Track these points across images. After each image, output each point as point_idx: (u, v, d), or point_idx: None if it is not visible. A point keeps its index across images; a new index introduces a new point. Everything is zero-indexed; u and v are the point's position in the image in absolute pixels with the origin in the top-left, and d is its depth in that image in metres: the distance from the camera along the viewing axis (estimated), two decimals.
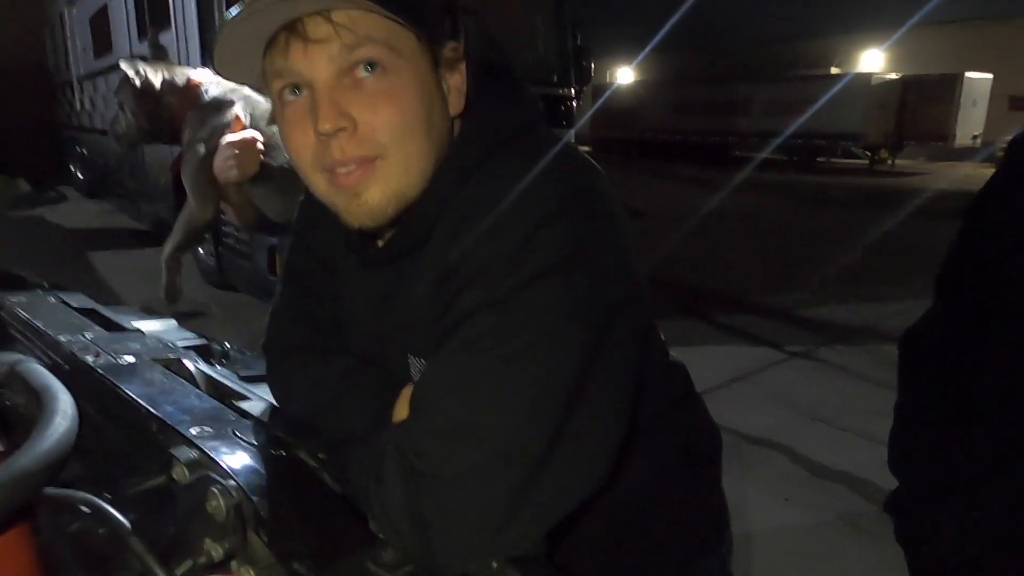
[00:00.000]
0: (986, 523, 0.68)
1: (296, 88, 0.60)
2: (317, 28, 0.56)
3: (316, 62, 0.57)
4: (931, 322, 0.83)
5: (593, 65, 5.87)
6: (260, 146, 1.47)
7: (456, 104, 0.64)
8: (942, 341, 0.79)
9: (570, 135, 5.52)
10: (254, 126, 1.50)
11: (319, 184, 0.63)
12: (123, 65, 1.69)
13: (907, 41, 20.03)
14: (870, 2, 19.28)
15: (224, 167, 1.47)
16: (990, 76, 17.51)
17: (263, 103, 1.54)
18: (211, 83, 1.63)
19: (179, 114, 1.63)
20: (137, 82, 1.65)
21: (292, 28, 0.57)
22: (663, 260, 6.55)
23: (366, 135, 0.59)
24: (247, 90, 1.56)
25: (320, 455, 0.72)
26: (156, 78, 1.65)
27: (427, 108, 0.61)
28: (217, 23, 4.46)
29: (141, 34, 6.29)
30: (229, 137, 1.47)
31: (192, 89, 1.63)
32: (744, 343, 4.59)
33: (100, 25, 7.85)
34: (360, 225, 0.64)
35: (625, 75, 26.99)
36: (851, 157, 20.11)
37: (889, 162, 19.07)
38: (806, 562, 2.32)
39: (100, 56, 8.18)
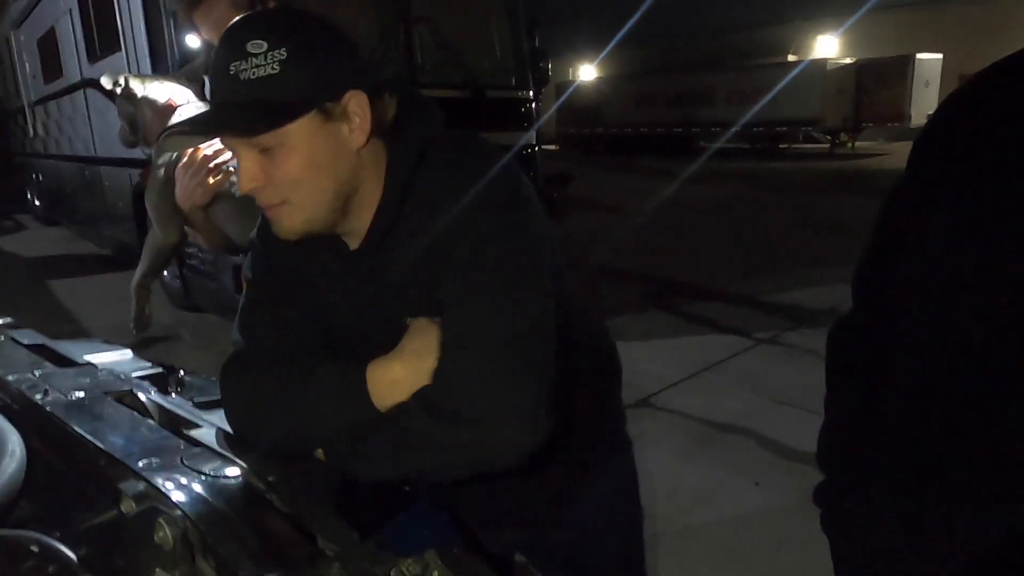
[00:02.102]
0: (894, 515, 0.71)
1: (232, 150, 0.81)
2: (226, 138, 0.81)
3: (236, 147, 0.80)
4: (851, 316, 0.87)
5: (551, 65, 5.91)
6: (219, 173, 1.47)
7: (357, 140, 0.81)
8: (860, 336, 0.83)
9: (531, 135, 5.57)
10: (222, 155, 1.49)
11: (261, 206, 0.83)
12: (104, 77, 1.69)
13: (861, 26, 20.47)
14: None
15: (182, 194, 1.47)
16: (940, 56, 17.96)
17: None
18: (187, 105, 1.61)
19: (153, 131, 1.62)
20: (117, 91, 1.64)
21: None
22: (631, 253, 6.63)
23: (272, 189, 0.80)
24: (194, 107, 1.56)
25: (270, 478, 0.74)
26: (138, 90, 1.64)
27: (317, 160, 0.79)
28: (167, 44, 4.41)
29: (91, 57, 6.19)
30: (182, 163, 1.47)
31: (166, 109, 1.61)
32: (712, 332, 4.67)
33: (49, 49, 7.70)
34: (286, 239, 0.84)
35: (587, 72, 27.17)
36: (813, 142, 20.47)
37: (849, 145, 19.46)
38: (778, 544, 2.38)
39: (50, 80, 8.02)
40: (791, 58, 22.09)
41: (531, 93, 5.48)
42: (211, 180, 1.45)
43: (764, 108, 17.46)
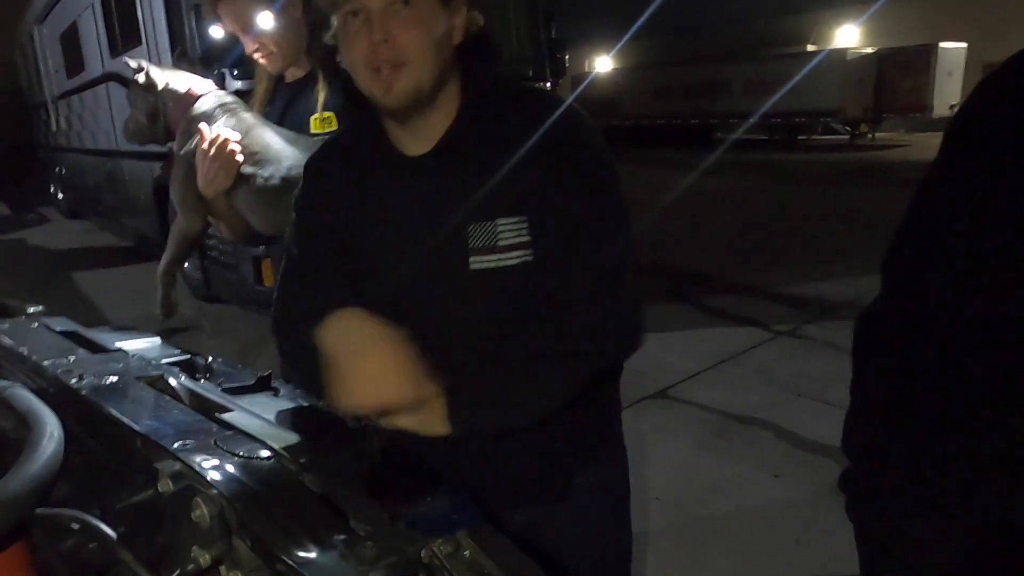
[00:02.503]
0: (927, 503, 0.71)
1: (356, 13, 0.88)
2: None
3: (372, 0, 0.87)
4: (880, 303, 0.87)
5: (568, 56, 5.88)
6: (238, 156, 1.48)
7: (457, 36, 0.92)
8: (890, 322, 0.83)
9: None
10: (242, 142, 1.51)
11: (364, 77, 0.90)
12: (128, 60, 1.71)
13: (882, 15, 20.12)
14: None
15: (204, 180, 1.49)
16: (964, 45, 17.62)
17: (249, 118, 1.56)
18: (207, 95, 1.63)
19: (175, 122, 1.64)
20: (140, 79, 1.66)
21: None
22: (649, 245, 6.60)
23: (393, 47, 0.87)
24: (238, 105, 1.58)
25: (302, 459, 0.75)
26: (160, 80, 1.65)
27: (438, 34, 0.89)
28: (188, 38, 4.45)
29: (113, 51, 6.26)
30: (201, 148, 1.48)
31: (187, 98, 1.62)
32: (730, 324, 4.64)
33: (71, 43, 7.79)
34: (389, 106, 0.91)
35: (604, 63, 26.99)
36: (832, 133, 20.20)
37: (869, 136, 19.19)
38: (798, 535, 2.37)
39: (73, 75, 8.12)
40: (810, 48, 21.77)
41: (548, 85, 5.47)
42: (232, 162, 1.47)
43: (783, 99, 17.20)
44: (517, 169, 0.90)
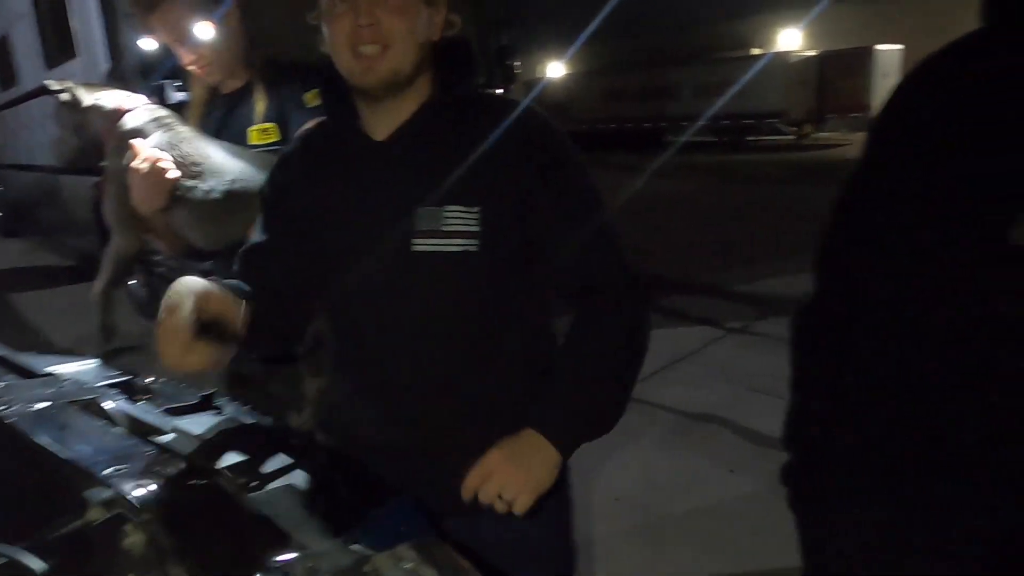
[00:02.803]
0: (865, 495, 0.73)
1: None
2: None
3: None
4: (815, 299, 0.89)
5: (519, 63, 5.91)
6: (172, 172, 1.44)
7: (435, 33, 0.97)
8: (824, 317, 0.85)
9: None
10: (178, 157, 1.47)
11: (345, 57, 0.94)
12: (50, 82, 1.64)
13: (822, 19, 20.80)
14: None
15: (139, 198, 1.44)
16: (900, 47, 18.34)
17: (187, 132, 1.52)
18: (138, 110, 1.58)
19: (105, 139, 1.59)
20: (63, 98, 1.60)
21: None
22: None
23: (378, 30, 0.91)
24: (173, 118, 1.54)
25: (241, 479, 0.73)
26: (86, 98, 1.60)
27: (418, 25, 0.94)
28: (123, 50, 4.32)
29: (48, 63, 6.04)
30: (132, 166, 1.44)
31: (115, 113, 1.57)
32: (685, 323, 4.72)
33: (4, 55, 7.49)
34: (366, 87, 0.95)
35: (556, 69, 27.22)
36: (778, 134, 20.75)
37: (813, 136, 19.80)
38: (753, 528, 2.42)
39: (6, 87, 7.81)
40: (755, 51, 22.37)
41: (499, 92, 5.48)
42: (165, 179, 1.42)
43: (730, 101, 17.64)
44: (477, 162, 0.94)
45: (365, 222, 0.99)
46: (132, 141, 1.45)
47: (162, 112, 1.54)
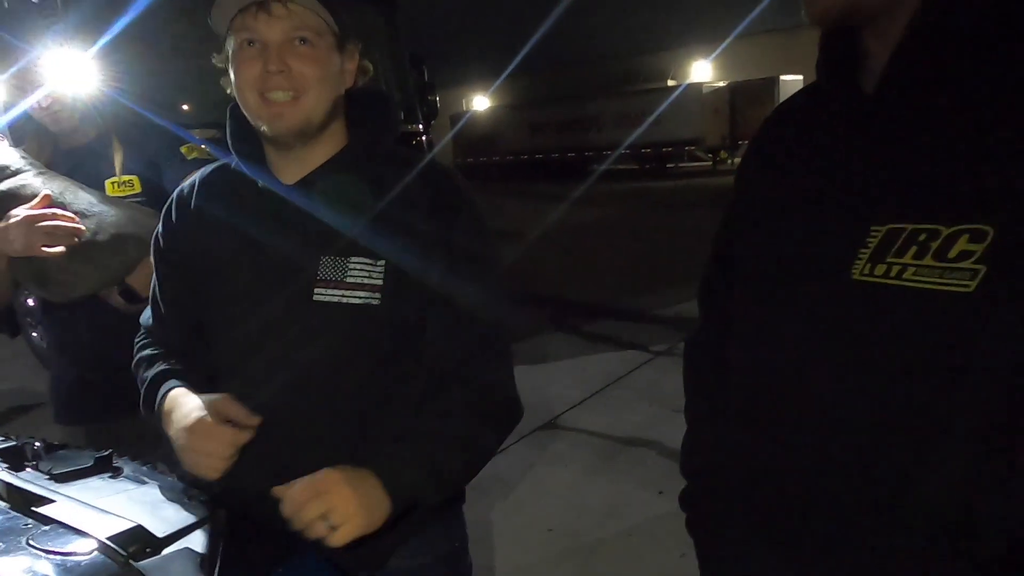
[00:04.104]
0: (754, 519, 0.76)
1: (252, 42, 0.91)
2: (279, 9, 0.89)
3: (273, 30, 0.90)
4: (698, 330, 0.94)
5: (440, 98, 5.97)
6: (70, 226, 1.40)
7: (347, 81, 0.97)
8: (706, 349, 0.90)
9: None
10: (59, 201, 1.42)
11: (253, 102, 0.92)
12: None
13: (730, 52, 21.99)
14: (696, 17, 21.02)
15: (29, 243, 1.38)
16: (801, 77, 19.58)
17: (61, 177, 1.48)
18: (5, 152, 1.53)
19: None
20: None
21: (261, 5, 0.89)
22: (528, 277, 6.75)
23: (289, 78, 0.91)
24: (39, 164, 1.49)
25: (132, 548, 0.71)
26: None
27: (330, 73, 0.94)
28: None
29: None
30: (28, 212, 1.38)
31: None
32: (612, 348, 4.82)
33: None
34: (275, 134, 0.94)
35: (481, 102, 27.64)
36: (696, 160, 21.68)
37: (729, 161, 20.74)
38: (683, 548, 2.47)
39: None
40: (671, 83, 23.39)
41: (420, 126, 5.52)
42: (67, 225, 1.38)
43: (651, 130, 18.35)
44: (386, 215, 0.93)
45: (267, 267, 0.97)
46: (26, 182, 1.41)
47: (29, 158, 1.50)
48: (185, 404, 0.94)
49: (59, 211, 1.40)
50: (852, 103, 0.66)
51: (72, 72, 1.47)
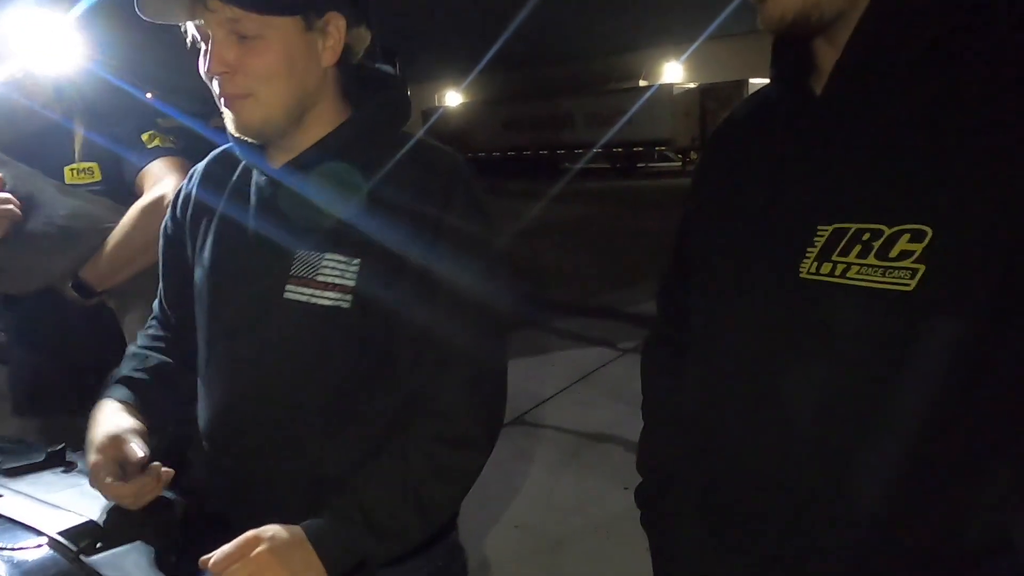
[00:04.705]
0: (706, 516, 0.77)
1: (196, 40, 0.85)
2: (214, 3, 0.79)
3: (210, 25, 0.81)
4: (656, 328, 0.95)
5: (414, 92, 5.92)
6: (11, 209, 1.35)
7: (329, 58, 0.86)
8: (664, 348, 0.91)
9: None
10: (9, 189, 1.38)
11: (216, 99, 0.85)
12: None
13: (700, 53, 22.26)
14: (667, 17, 21.21)
15: None
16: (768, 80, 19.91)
17: (16, 164, 1.42)
18: None
19: None
20: None
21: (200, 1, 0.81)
22: None
23: (241, 78, 0.82)
24: None
25: (82, 542, 0.70)
26: None
27: (290, 61, 0.83)
28: None
29: None
30: None
31: None
32: (582, 345, 4.86)
33: None
34: (238, 134, 0.87)
35: (454, 98, 27.53)
36: (666, 160, 21.90)
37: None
38: (646, 543, 2.50)
39: None
40: (642, 83, 23.58)
41: None
42: (11, 210, 1.34)
43: (622, 130, 18.49)
44: (374, 197, 0.85)
45: (246, 257, 0.91)
46: None
47: None
48: (96, 427, 0.89)
49: (5, 194, 1.36)
50: (802, 106, 0.67)
51: (49, 42, 1.39)
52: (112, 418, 0.90)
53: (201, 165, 1.04)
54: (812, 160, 0.65)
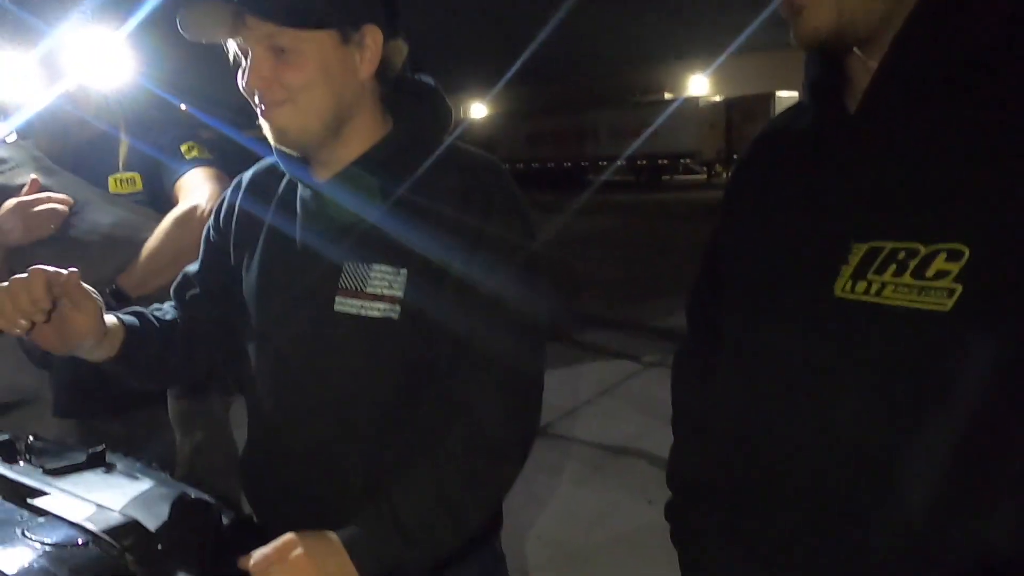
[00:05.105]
0: (730, 535, 0.76)
1: (236, 56, 0.87)
2: (252, 20, 0.82)
3: (249, 42, 0.84)
4: (687, 343, 0.95)
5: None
6: (61, 208, 1.40)
7: (366, 70, 0.87)
8: (694, 362, 0.91)
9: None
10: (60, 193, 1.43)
11: (259, 113, 0.87)
12: None
13: (727, 67, 22.19)
14: (693, 31, 21.19)
15: (24, 229, 1.38)
16: (796, 93, 19.72)
17: (62, 171, 1.47)
18: (12, 146, 1.53)
19: None
20: None
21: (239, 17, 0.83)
22: None
23: (279, 88, 0.84)
24: (47, 159, 1.49)
25: (126, 541, 0.72)
26: None
27: (327, 72, 0.84)
28: None
29: None
30: (18, 200, 1.38)
31: None
32: (607, 358, 4.84)
33: None
34: (277, 145, 0.90)
35: (479, 110, 27.73)
36: (691, 173, 21.82)
37: (724, 175, 20.90)
38: (670, 556, 2.47)
39: None
40: (667, 96, 23.57)
41: None
42: (56, 210, 1.38)
43: (647, 142, 18.50)
44: (415, 207, 0.86)
45: (291, 273, 0.92)
46: (33, 176, 1.41)
47: (37, 153, 1.50)
48: None
49: (51, 194, 1.40)
50: (836, 122, 0.67)
51: (100, 57, 1.43)
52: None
53: (248, 175, 1.04)
54: (846, 177, 0.65)
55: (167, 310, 1.04)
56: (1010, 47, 0.57)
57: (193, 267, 1.07)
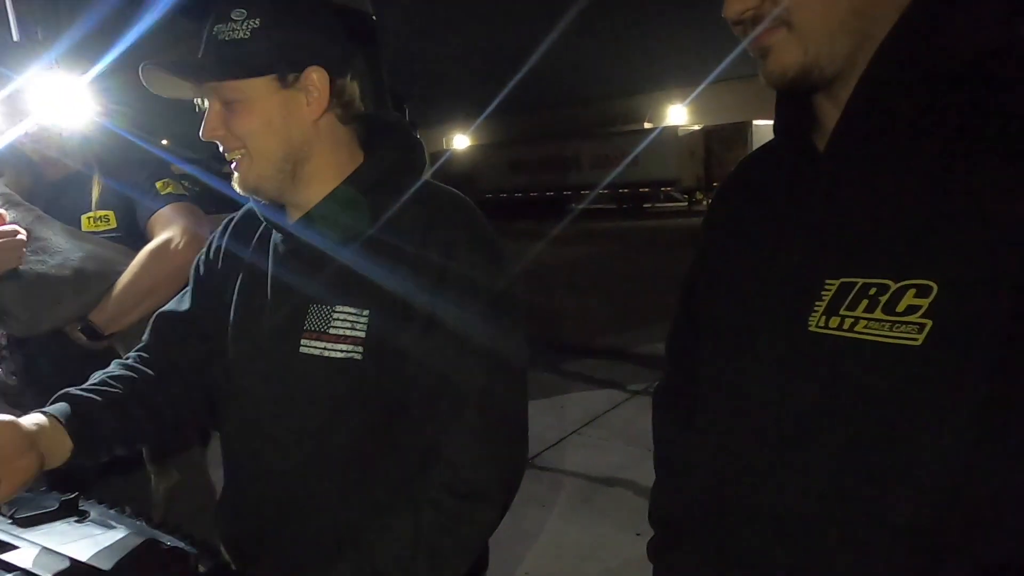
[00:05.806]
0: (718, 572, 0.75)
1: (197, 108, 0.90)
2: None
3: (206, 95, 0.88)
4: (665, 380, 0.95)
5: (423, 136, 6.03)
6: (22, 235, 1.38)
7: (313, 111, 0.88)
8: (673, 399, 0.91)
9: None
10: (28, 228, 1.41)
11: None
12: None
13: (705, 96, 22.62)
14: (670, 62, 21.62)
15: None
16: (771, 122, 20.16)
17: (32, 207, 1.46)
18: None
19: None
20: None
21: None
22: None
23: (231, 138, 0.87)
24: (15, 196, 1.47)
25: None
26: None
27: (270, 119, 0.86)
28: None
29: None
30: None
31: None
32: (591, 387, 4.82)
33: None
34: (242, 193, 0.92)
35: (462, 141, 28.00)
36: (672, 201, 22.08)
37: (704, 203, 21.15)
38: None
39: None
40: (647, 125, 23.96)
41: None
42: (18, 240, 1.36)
43: (628, 171, 18.74)
44: (376, 256, 0.86)
45: (262, 315, 0.93)
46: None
47: (4, 189, 1.49)
48: None
49: (16, 226, 1.39)
50: (806, 160, 0.69)
51: (63, 100, 1.45)
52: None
53: (236, 216, 1.06)
54: (818, 214, 0.66)
55: (114, 370, 1.02)
56: (974, 87, 0.59)
57: (179, 307, 1.07)
